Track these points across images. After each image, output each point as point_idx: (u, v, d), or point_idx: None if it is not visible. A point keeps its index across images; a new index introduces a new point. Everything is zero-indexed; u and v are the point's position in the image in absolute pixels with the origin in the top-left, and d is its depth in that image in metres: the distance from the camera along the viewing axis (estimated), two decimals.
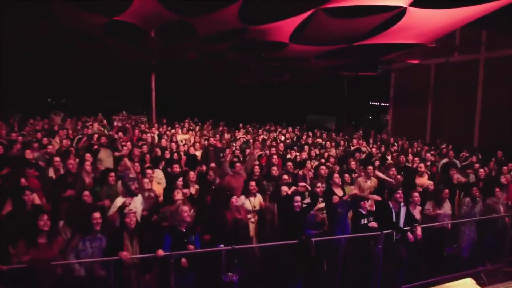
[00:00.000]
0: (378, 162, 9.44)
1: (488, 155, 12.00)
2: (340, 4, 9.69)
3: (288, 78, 21.94)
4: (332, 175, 7.18)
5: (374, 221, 6.10)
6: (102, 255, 4.71)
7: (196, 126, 16.90)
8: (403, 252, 6.08)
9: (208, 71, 20.09)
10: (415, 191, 6.68)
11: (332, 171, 7.94)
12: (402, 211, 6.08)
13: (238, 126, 16.98)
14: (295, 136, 15.18)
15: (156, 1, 9.44)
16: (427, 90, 20.44)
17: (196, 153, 9.81)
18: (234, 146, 10.83)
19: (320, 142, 13.29)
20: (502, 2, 9.60)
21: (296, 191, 6.31)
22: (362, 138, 15.08)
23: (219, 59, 15.82)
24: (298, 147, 11.48)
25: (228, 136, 13.37)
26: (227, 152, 8.93)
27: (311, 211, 6.08)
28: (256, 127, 18.16)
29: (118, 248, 4.72)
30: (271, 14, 10.42)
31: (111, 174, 6.46)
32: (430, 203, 6.79)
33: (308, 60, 15.16)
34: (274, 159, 8.62)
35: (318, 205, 6.35)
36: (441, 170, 9.84)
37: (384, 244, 5.92)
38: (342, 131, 19.74)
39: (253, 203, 6.43)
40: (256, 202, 6.49)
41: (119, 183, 6.46)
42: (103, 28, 11.28)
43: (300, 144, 12.20)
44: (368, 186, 7.71)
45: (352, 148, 12.13)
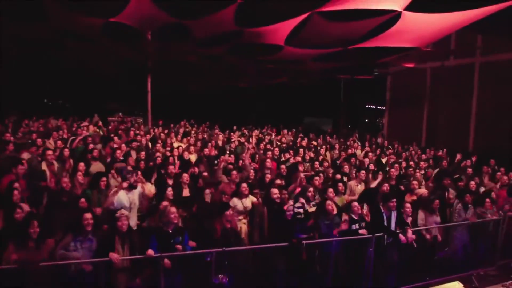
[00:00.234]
0: (373, 166, 9.46)
1: (483, 159, 12.03)
2: (335, 8, 9.72)
3: (285, 80, 21.97)
4: (327, 189, 7.00)
5: (365, 226, 6.12)
6: (91, 256, 4.70)
7: (192, 128, 16.89)
8: (394, 256, 6.10)
9: (204, 73, 20.09)
10: (407, 202, 6.68)
11: (327, 177, 7.96)
12: (393, 215, 6.10)
13: (234, 129, 16.91)
14: (291, 140, 15.14)
15: (151, 3, 9.45)
16: (423, 93, 20.49)
17: (191, 156, 9.78)
18: (228, 148, 10.78)
19: (315, 145, 13.29)
20: (497, 7, 9.65)
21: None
22: (357, 141, 15.07)
23: (215, 62, 15.83)
24: (294, 150, 11.45)
25: (223, 139, 13.33)
26: (221, 160, 8.84)
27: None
28: (251, 130, 18.15)
29: (109, 251, 4.71)
30: (266, 17, 10.45)
31: (103, 179, 6.41)
32: (423, 213, 6.75)
33: (304, 62, 15.19)
34: (268, 163, 8.60)
35: (309, 209, 6.36)
36: (434, 178, 9.78)
37: (375, 247, 5.94)
38: (338, 134, 19.76)
39: (245, 203, 6.42)
40: (247, 202, 6.47)
41: (111, 186, 6.46)
42: (99, 29, 11.28)
43: (296, 147, 12.19)
44: (359, 190, 7.73)
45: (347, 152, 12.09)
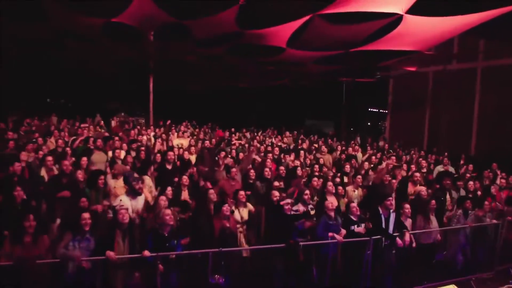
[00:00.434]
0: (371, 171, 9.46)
1: (485, 163, 12.00)
2: (337, 10, 9.73)
3: (286, 82, 21.99)
4: (326, 183, 7.13)
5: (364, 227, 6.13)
6: (89, 255, 4.72)
7: (195, 130, 16.89)
8: (392, 258, 6.09)
9: (205, 74, 20.13)
10: (406, 202, 6.67)
11: (326, 178, 7.96)
12: (392, 217, 6.09)
13: (235, 131, 16.88)
14: (293, 142, 15.12)
15: (153, 3, 9.49)
16: (425, 97, 20.48)
17: (191, 157, 9.80)
18: (229, 151, 10.74)
19: (316, 147, 13.27)
20: (499, 11, 9.63)
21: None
22: (358, 144, 15.05)
23: (216, 62, 15.86)
24: (295, 152, 11.43)
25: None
26: (221, 155, 8.88)
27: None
28: (253, 131, 18.15)
29: (109, 244, 4.76)
30: (268, 19, 10.47)
31: (101, 177, 6.40)
32: (420, 218, 6.73)
33: (306, 65, 15.20)
34: (268, 162, 8.62)
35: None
36: (436, 179, 9.79)
37: (373, 250, 5.94)
38: (339, 137, 19.76)
39: (241, 213, 6.33)
40: (244, 213, 6.40)
41: (109, 185, 6.46)
42: (101, 29, 11.33)
43: (297, 149, 12.17)
44: (356, 196, 7.71)
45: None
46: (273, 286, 5.81)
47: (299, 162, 9.80)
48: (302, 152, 10.88)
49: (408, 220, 6.47)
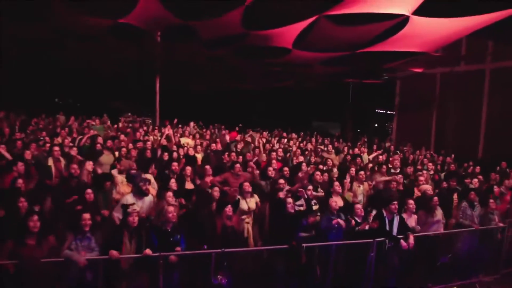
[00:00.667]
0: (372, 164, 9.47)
1: (493, 166, 11.90)
2: (343, 12, 9.71)
3: (294, 84, 21.94)
4: (332, 182, 7.14)
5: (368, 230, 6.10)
6: (90, 253, 4.77)
7: (201, 130, 16.90)
8: (395, 260, 6.07)
9: (211, 75, 20.16)
10: (410, 198, 6.66)
11: (331, 178, 7.93)
12: (396, 219, 6.07)
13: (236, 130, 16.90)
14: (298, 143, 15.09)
15: (159, 4, 9.54)
16: (432, 99, 20.35)
17: (197, 155, 9.84)
18: (234, 149, 10.78)
19: (322, 149, 13.24)
20: (507, 12, 9.54)
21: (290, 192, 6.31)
22: (364, 145, 14.99)
23: (222, 63, 15.89)
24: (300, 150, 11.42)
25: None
26: (225, 156, 8.94)
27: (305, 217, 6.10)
28: (260, 132, 18.12)
29: (116, 244, 4.81)
30: (274, 20, 10.47)
31: (108, 183, 6.53)
32: (422, 213, 6.72)
33: (312, 66, 15.17)
34: (273, 164, 8.61)
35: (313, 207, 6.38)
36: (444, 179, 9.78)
37: (376, 252, 5.92)
38: (345, 138, 19.69)
39: (248, 203, 6.42)
40: (251, 203, 6.48)
41: (115, 177, 6.61)
42: (108, 30, 11.41)
43: (302, 148, 12.17)
44: (361, 191, 7.73)
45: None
46: (275, 287, 5.81)
47: (302, 158, 9.83)
48: (308, 152, 10.90)
49: (413, 216, 6.47)
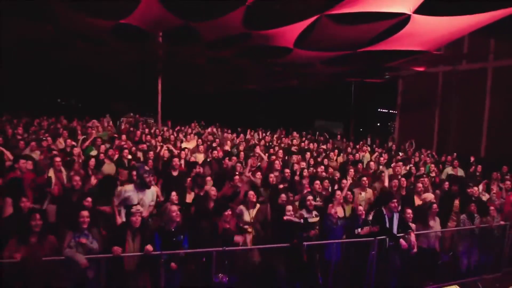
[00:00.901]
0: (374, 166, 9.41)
1: (495, 165, 11.85)
2: (344, 11, 9.71)
3: (296, 83, 21.94)
4: (334, 193, 6.88)
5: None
6: (88, 251, 4.78)
7: (203, 130, 16.91)
8: (396, 259, 6.06)
9: (213, 75, 20.20)
10: (409, 207, 6.62)
11: (333, 183, 7.87)
12: (395, 217, 6.05)
13: (239, 131, 16.90)
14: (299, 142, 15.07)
15: (160, 5, 9.56)
16: (434, 98, 20.32)
17: (199, 156, 9.83)
18: (236, 151, 10.75)
19: (325, 149, 13.22)
20: (509, 11, 9.52)
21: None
22: (366, 145, 14.97)
23: (224, 64, 15.90)
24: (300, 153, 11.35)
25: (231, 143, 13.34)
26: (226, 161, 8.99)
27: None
28: (262, 132, 18.11)
29: (119, 243, 4.81)
30: (275, 19, 10.48)
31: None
32: (418, 226, 6.65)
33: (313, 65, 15.17)
34: (276, 164, 8.57)
35: (313, 218, 6.34)
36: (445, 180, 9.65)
37: (377, 251, 5.92)
38: (348, 137, 19.67)
39: (252, 214, 6.33)
40: (254, 214, 6.38)
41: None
42: (110, 31, 11.45)
43: (302, 150, 12.10)
44: (363, 198, 7.46)
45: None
46: (276, 286, 5.82)
47: (304, 164, 9.71)
48: (308, 154, 10.82)
49: (412, 225, 6.43)
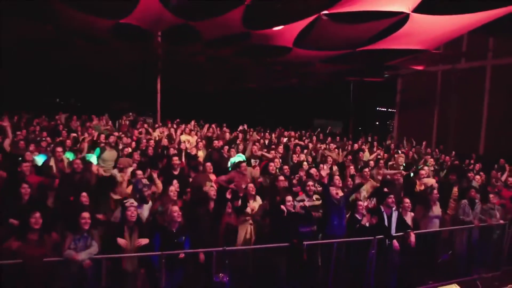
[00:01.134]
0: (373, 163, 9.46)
1: (493, 163, 11.91)
2: (343, 10, 9.72)
3: (295, 82, 21.95)
4: (333, 177, 7.06)
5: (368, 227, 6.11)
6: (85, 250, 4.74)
7: (202, 129, 16.89)
8: (396, 257, 6.07)
9: (213, 74, 20.19)
10: (406, 197, 6.66)
11: (332, 174, 7.93)
12: (394, 215, 6.07)
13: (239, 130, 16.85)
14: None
15: (159, 4, 9.56)
16: (433, 96, 20.35)
17: (199, 152, 9.87)
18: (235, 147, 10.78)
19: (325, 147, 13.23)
20: (508, 9, 9.54)
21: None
22: (365, 143, 14.98)
23: (223, 63, 15.90)
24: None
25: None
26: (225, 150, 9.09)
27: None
28: (261, 131, 18.10)
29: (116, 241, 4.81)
30: (274, 18, 10.48)
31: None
32: (420, 208, 6.73)
33: (313, 64, 15.18)
34: (276, 162, 8.61)
35: (314, 202, 6.38)
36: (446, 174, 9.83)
37: (377, 249, 5.93)
38: (347, 136, 19.67)
39: (251, 206, 6.37)
40: (256, 205, 6.43)
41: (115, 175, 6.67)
42: (109, 30, 11.44)
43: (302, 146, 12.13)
44: (364, 189, 7.64)
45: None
46: (277, 285, 5.84)
47: (303, 156, 9.81)
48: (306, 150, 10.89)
49: (409, 214, 6.47)
